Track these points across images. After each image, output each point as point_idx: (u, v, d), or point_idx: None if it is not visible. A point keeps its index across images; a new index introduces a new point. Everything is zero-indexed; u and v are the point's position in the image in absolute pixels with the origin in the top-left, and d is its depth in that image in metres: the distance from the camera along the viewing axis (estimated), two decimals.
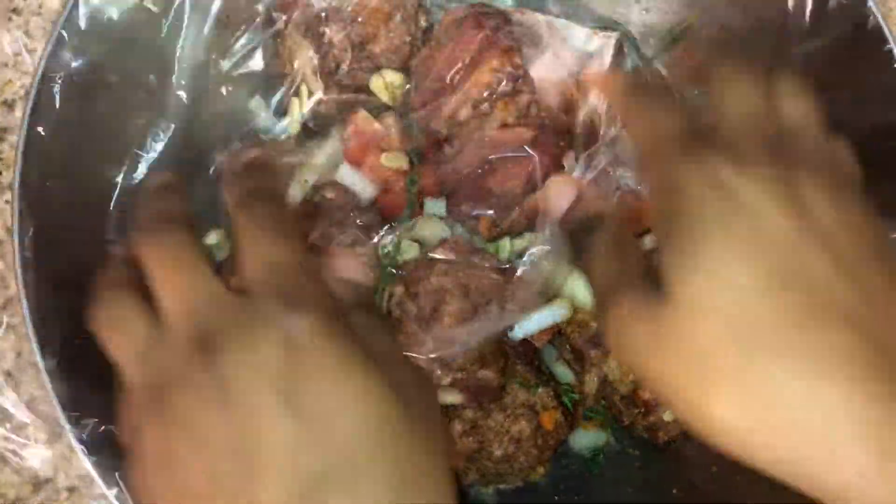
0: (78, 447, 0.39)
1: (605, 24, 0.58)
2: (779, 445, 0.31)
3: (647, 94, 0.39)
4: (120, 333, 0.35)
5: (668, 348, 0.32)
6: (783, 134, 0.36)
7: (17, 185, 0.42)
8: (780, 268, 0.31)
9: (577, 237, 0.40)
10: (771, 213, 0.32)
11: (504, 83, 0.49)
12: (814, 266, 0.31)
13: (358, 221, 0.51)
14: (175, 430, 0.31)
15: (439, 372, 0.45)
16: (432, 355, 0.45)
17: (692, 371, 0.32)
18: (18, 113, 0.44)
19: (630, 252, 0.37)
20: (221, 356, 0.31)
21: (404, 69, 0.54)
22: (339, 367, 0.32)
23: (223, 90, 0.54)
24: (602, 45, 0.54)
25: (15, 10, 0.51)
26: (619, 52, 0.55)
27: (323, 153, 0.53)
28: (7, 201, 0.42)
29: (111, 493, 0.37)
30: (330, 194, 0.52)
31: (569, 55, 0.52)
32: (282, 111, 0.56)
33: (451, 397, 0.45)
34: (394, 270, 0.50)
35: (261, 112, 0.56)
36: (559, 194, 0.42)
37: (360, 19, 0.52)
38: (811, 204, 0.33)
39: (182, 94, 0.52)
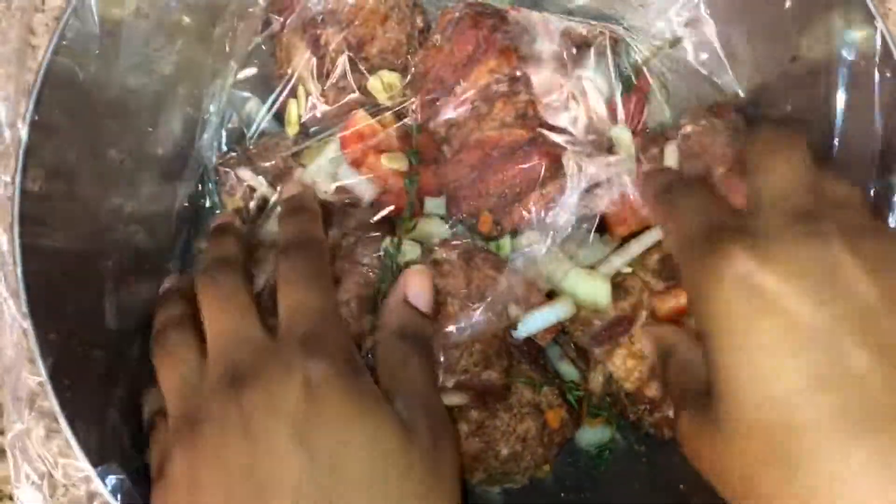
0: (75, 445, 0.39)
1: (599, 21, 0.58)
2: None
3: (678, 192, 0.39)
4: (169, 366, 0.39)
5: (722, 466, 0.33)
6: (821, 203, 0.33)
7: (18, 179, 0.42)
8: (819, 367, 0.29)
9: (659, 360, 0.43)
10: (803, 305, 0.29)
11: (501, 83, 0.48)
12: (854, 358, 0.29)
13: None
14: (201, 455, 0.34)
15: (443, 375, 0.45)
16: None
17: (744, 489, 0.32)
18: (21, 108, 0.44)
19: (689, 371, 0.38)
20: (245, 393, 0.34)
21: (402, 70, 0.53)
22: (351, 409, 0.34)
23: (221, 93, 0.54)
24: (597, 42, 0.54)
25: (18, 7, 0.50)
26: (613, 49, 0.55)
27: (322, 155, 0.53)
28: (8, 198, 0.42)
29: (105, 491, 0.37)
30: (330, 197, 0.52)
31: (564, 53, 0.52)
32: (279, 114, 0.56)
33: (456, 399, 0.45)
34: (394, 271, 0.49)
35: (257, 115, 0.56)
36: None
37: (356, 21, 0.52)
38: (850, 281, 0.29)
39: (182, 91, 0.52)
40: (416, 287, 0.45)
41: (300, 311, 0.38)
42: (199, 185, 0.55)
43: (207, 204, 0.55)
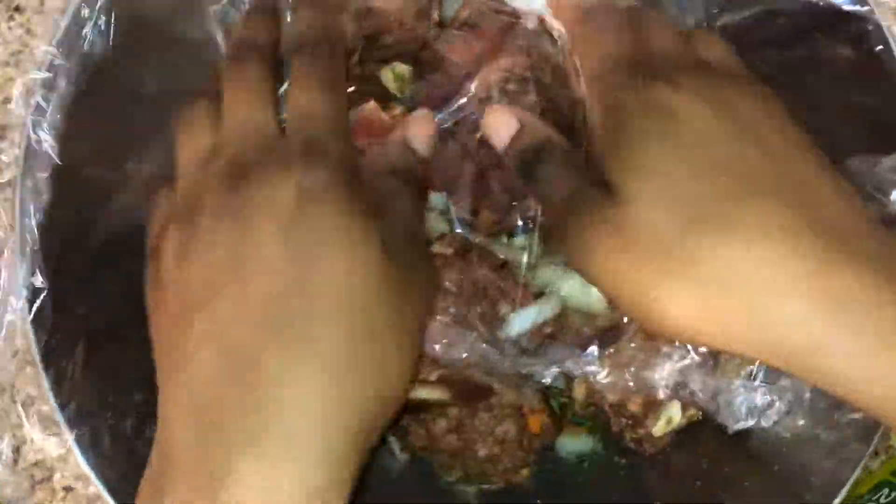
0: (75, 447, 0.40)
1: None
2: (731, 321, 0.33)
3: (599, 18, 0.42)
4: (185, 142, 0.40)
5: (620, 245, 0.35)
6: (705, 66, 0.39)
7: (18, 182, 0.43)
8: (715, 157, 0.34)
9: (525, 167, 0.41)
10: (705, 117, 0.35)
11: (511, 83, 0.48)
12: (746, 155, 0.34)
13: None
14: (193, 234, 0.36)
15: (427, 366, 0.45)
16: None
17: (644, 264, 0.34)
18: (20, 110, 0.44)
19: (580, 168, 0.40)
20: (242, 185, 0.36)
21: (414, 62, 0.53)
22: (338, 220, 0.35)
23: None
24: None
25: (17, 8, 0.52)
26: None
27: None
28: (7, 199, 0.42)
29: (106, 494, 0.38)
30: None
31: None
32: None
33: (437, 394, 0.45)
34: None
35: None
36: (499, 125, 0.43)
37: (372, 10, 0.52)
38: (742, 112, 0.36)
39: None
40: (416, 129, 0.45)
41: (309, 116, 0.38)
42: None
43: None
